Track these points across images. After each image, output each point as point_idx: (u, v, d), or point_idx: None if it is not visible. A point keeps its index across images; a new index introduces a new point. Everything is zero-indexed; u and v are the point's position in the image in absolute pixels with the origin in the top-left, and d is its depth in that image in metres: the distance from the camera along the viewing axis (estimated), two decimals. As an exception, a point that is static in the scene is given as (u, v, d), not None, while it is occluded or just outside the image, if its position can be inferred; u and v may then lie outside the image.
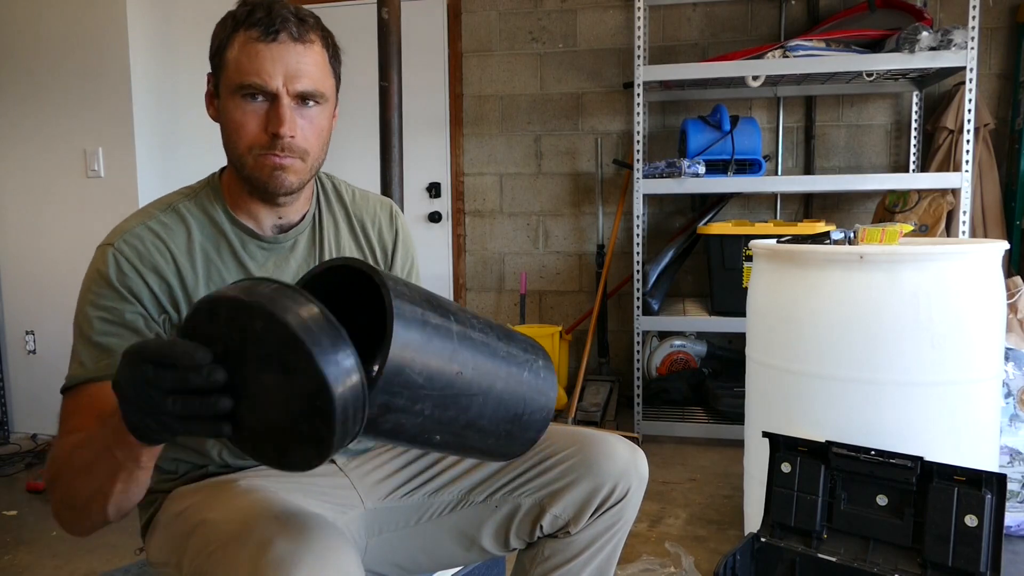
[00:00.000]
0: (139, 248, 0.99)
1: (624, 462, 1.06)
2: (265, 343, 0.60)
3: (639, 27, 2.93)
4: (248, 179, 1.00)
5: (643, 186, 2.92)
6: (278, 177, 0.98)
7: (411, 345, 0.65)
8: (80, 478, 0.81)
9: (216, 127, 1.03)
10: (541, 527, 1.07)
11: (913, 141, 3.25)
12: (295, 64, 0.95)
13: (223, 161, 1.13)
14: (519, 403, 0.78)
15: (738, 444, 2.15)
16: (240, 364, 0.62)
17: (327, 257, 1.11)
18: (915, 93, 3.24)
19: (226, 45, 0.97)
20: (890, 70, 2.87)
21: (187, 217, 1.03)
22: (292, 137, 0.96)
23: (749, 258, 2.64)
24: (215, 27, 1.00)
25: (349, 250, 1.15)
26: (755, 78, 2.90)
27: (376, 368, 0.63)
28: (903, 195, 3.06)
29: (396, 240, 1.20)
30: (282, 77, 0.95)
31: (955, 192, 2.78)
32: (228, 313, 0.63)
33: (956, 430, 1.62)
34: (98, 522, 0.85)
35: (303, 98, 0.97)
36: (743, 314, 1.98)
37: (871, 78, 3.02)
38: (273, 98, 0.96)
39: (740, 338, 2.34)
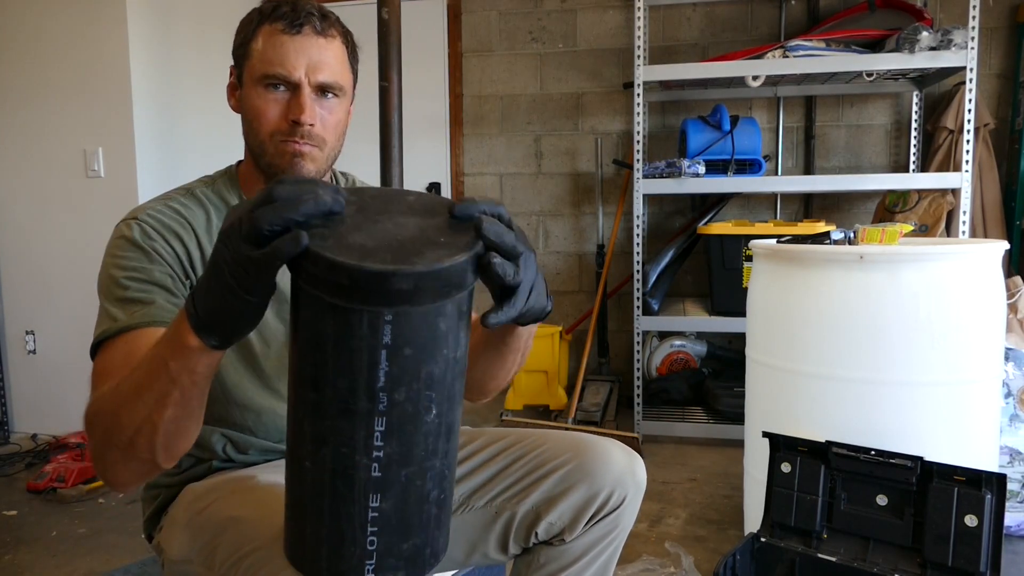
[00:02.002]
0: (162, 219, 1.01)
1: (621, 469, 1.05)
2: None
3: (639, 27, 2.93)
4: (268, 166, 1.03)
5: (643, 186, 2.92)
6: (297, 164, 1.01)
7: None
8: (126, 406, 0.74)
9: (216, 127, 1.03)
10: (536, 534, 1.06)
11: (913, 141, 3.25)
12: (317, 56, 0.99)
13: (224, 161, 1.14)
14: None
15: (738, 444, 2.15)
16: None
17: None
18: (915, 93, 3.24)
19: (251, 37, 1.01)
20: (890, 70, 2.87)
21: (205, 201, 1.06)
22: (312, 125, 1.00)
23: (749, 258, 2.64)
24: (240, 22, 1.04)
25: None
26: (755, 78, 2.90)
27: None
28: (903, 195, 3.06)
29: None
30: (304, 68, 0.99)
31: (955, 192, 2.78)
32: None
33: (956, 430, 1.62)
34: (146, 462, 0.77)
35: (323, 89, 1.01)
36: (743, 314, 1.98)
37: (871, 78, 3.02)
38: (295, 88, 0.99)
39: (740, 338, 2.34)
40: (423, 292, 0.58)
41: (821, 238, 1.81)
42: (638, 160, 2.96)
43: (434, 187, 3.76)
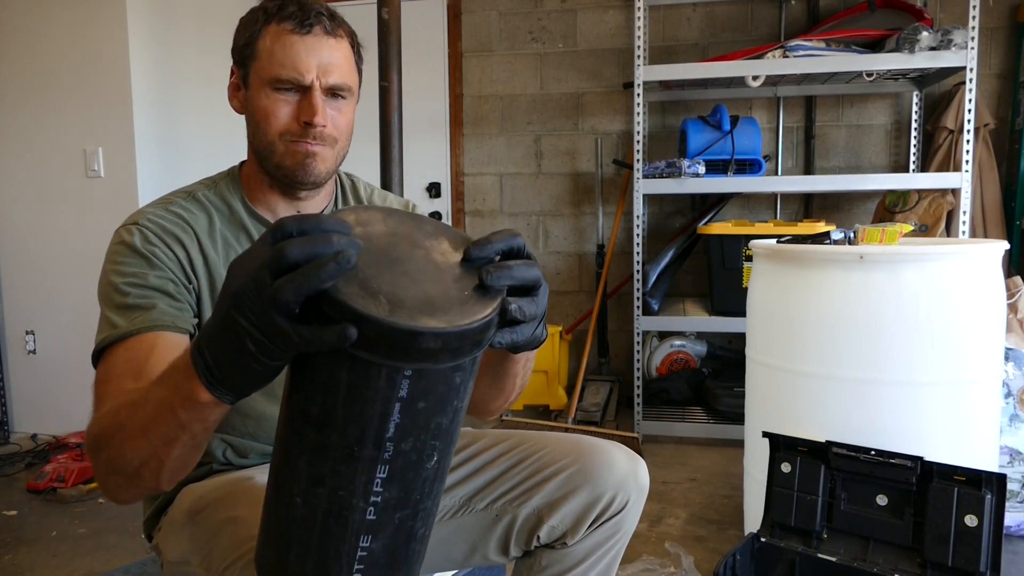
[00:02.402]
0: (163, 224, 0.99)
1: (623, 472, 1.04)
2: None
3: (639, 27, 2.93)
4: (276, 167, 1.01)
5: (643, 186, 2.92)
6: (308, 165, 1.00)
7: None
8: (132, 441, 0.72)
9: (216, 127, 1.03)
10: (538, 537, 1.05)
11: (913, 141, 3.25)
12: (328, 57, 0.98)
13: (224, 161, 1.13)
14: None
15: (738, 444, 2.15)
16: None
17: None
18: (915, 93, 3.24)
19: (257, 37, 0.98)
20: (890, 70, 2.87)
21: (207, 204, 1.05)
22: (324, 127, 0.99)
23: (749, 258, 2.64)
24: (241, 21, 1.01)
25: None
26: (755, 78, 2.90)
27: None
28: (903, 195, 3.06)
29: None
30: (316, 69, 0.97)
31: (955, 192, 2.78)
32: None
33: (956, 430, 1.62)
34: (150, 488, 0.76)
35: (333, 91, 0.99)
36: (743, 314, 1.98)
37: (871, 78, 3.02)
38: (306, 90, 0.98)
39: (740, 338, 2.34)
40: (447, 352, 0.56)
41: (821, 238, 1.81)
42: (638, 160, 2.96)
43: (434, 187, 3.76)
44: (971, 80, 2.64)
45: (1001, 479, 1.34)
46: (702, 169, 2.88)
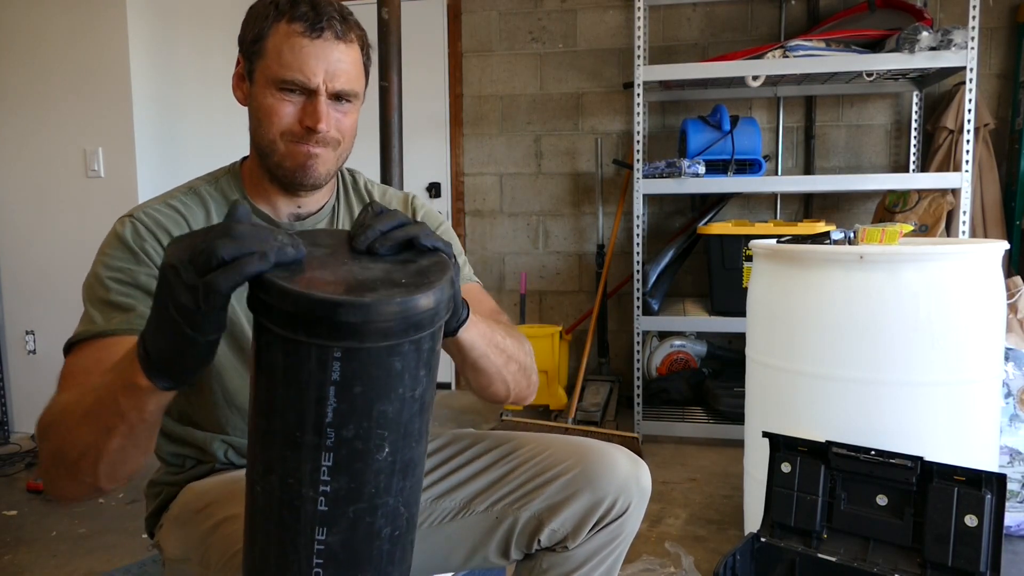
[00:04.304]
0: (158, 218, 1.00)
1: (625, 476, 1.04)
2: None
3: (639, 27, 2.93)
4: (276, 166, 1.01)
5: (643, 186, 2.92)
6: (309, 167, 1.00)
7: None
8: (75, 429, 0.74)
9: (216, 127, 1.03)
10: (539, 540, 1.05)
11: (913, 141, 3.25)
12: (336, 63, 0.96)
13: (224, 161, 1.13)
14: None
15: (738, 444, 2.15)
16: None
17: None
18: (915, 93, 3.24)
19: (266, 34, 0.97)
20: (890, 70, 2.87)
21: (206, 198, 1.05)
22: (327, 131, 0.98)
23: (749, 258, 2.64)
24: (251, 10, 1.00)
25: None
26: (755, 78, 2.90)
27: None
28: (903, 195, 3.06)
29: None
30: (323, 74, 0.96)
31: (955, 192, 2.78)
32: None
33: (956, 430, 1.62)
34: (88, 485, 0.76)
35: (339, 96, 0.99)
36: (743, 314, 1.98)
37: (871, 78, 3.02)
38: (311, 93, 0.97)
39: (740, 338, 2.34)
40: (373, 329, 0.57)
41: (821, 238, 1.81)
42: (638, 160, 2.96)
43: (434, 187, 3.76)
44: (971, 80, 2.64)
45: (1001, 479, 1.34)
46: (702, 169, 2.88)
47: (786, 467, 1.56)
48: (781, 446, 1.58)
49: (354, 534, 0.63)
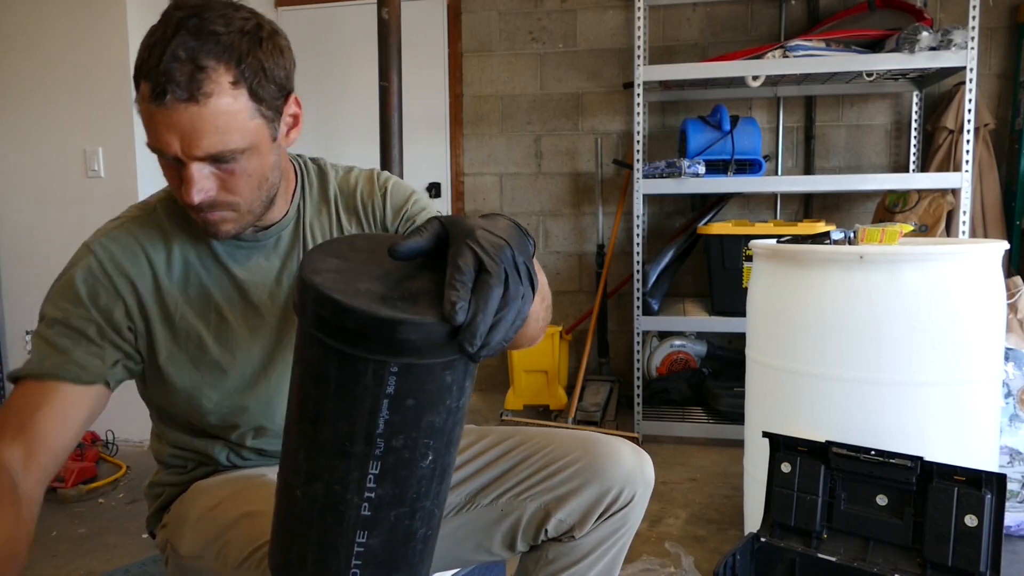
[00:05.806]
0: (115, 256, 0.97)
1: (630, 467, 1.05)
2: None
3: (639, 27, 2.93)
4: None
5: (643, 186, 2.92)
6: (211, 230, 0.92)
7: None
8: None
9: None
10: (546, 531, 1.06)
11: (913, 141, 3.25)
12: (190, 128, 0.81)
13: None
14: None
15: (738, 444, 2.15)
16: None
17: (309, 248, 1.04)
18: (915, 93, 3.24)
19: (137, 81, 0.83)
20: (890, 70, 2.87)
21: (164, 220, 1.00)
22: (205, 200, 0.87)
23: (749, 258, 2.64)
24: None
25: (344, 231, 1.09)
26: (755, 78, 2.90)
27: None
28: (903, 195, 3.06)
29: (385, 196, 1.10)
30: (178, 143, 0.82)
31: (955, 192, 2.78)
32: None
33: (956, 430, 1.62)
34: None
35: (213, 159, 0.85)
36: (743, 314, 1.98)
37: (871, 78, 3.02)
38: (179, 161, 0.85)
39: (740, 338, 2.34)
40: (432, 346, 0.57)
41: (821, 238, 1.81)
42: (638, 160, 2.96)
43: (434, 187, 3.76)
44: (971, 80, 2.64)
45: (1001, 479, 1.34)
46: (702, 169, 2.88)
47: (786, 467, 1.56)
48: (781, 446, 1.58)
49: (393, 536, 0.64)
